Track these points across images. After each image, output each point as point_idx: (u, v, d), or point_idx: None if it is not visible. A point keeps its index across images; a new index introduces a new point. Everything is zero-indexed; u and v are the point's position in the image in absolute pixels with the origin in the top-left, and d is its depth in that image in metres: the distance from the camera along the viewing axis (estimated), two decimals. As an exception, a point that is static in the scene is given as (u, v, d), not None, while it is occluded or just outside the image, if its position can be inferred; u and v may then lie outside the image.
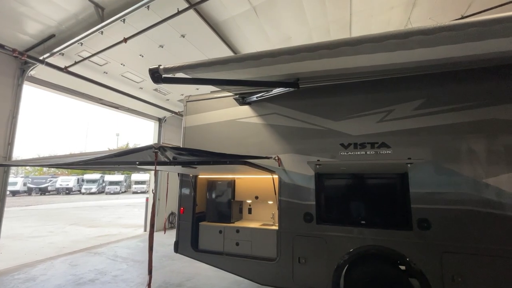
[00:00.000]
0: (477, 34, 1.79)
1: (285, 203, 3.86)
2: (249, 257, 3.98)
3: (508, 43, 2.14)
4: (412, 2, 6.31)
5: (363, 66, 2.66)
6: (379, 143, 3.49)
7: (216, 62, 2.41)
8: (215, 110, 4.59)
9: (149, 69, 2.64)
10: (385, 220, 3.48)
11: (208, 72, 2.70)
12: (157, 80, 2.63)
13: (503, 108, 3.07)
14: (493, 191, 3.00)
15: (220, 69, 2.53)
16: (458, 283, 2.95)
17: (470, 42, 1.94)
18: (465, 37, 1.82)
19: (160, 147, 2.38)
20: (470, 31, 1.70)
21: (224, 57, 2.32)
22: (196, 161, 3.02)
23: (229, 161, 2.85)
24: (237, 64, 2.37)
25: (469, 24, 1.65)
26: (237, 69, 2.57)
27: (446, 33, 1.70)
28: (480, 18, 1.64)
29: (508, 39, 2.02)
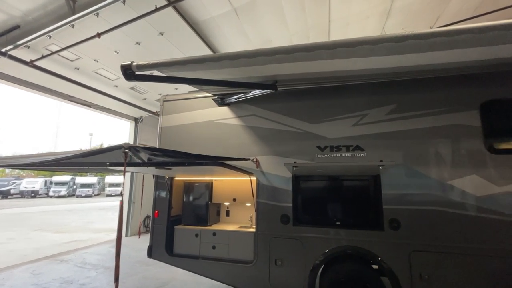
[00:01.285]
0: (441, 44, 1.90)
1: (263, 205, 3.85)
2: (226, 260, 3.92)
3: (471, 53, 2.30)
4: (386, 13, 6.63)
5: (339, 70, 2.73)
6: (354, 146, 3.60)
7: (192, 60, 2.35)
8: (193, 111, 4.50)
9: (121, 66, 2.51)
10: (359, 221, 3.59)
11: (184, 70, 2.63)
12: (129, 77, 2.52)
13: (465, 115, 3.29)
14: (457, 192, 3.20)
15: (196, 68, 2.48)
16: (425, 280, 3.10)
17: (435, 51, 2.05)
18: (430, 46, 1.92)
19: (130, 147, 2.26)
20: (435, 40, 1.80)
21: (200, 55, 2.27)
22: (171, 162, 2.92)
23: (205, 162, 2.78)
24: (214, 64, 2.33)
25: (435, 33, 1.74)
26: (214, 69, 2.53)
27: (412, 41, 1.79)
28: (445, 28, 1.74)
29: (471, 49, 2.16)
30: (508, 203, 3.03)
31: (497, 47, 2.10)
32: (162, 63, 2.45)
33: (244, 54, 2.20)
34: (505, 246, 2.96)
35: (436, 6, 6.60)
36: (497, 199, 3.06)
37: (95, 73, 6.87)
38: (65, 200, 29.51)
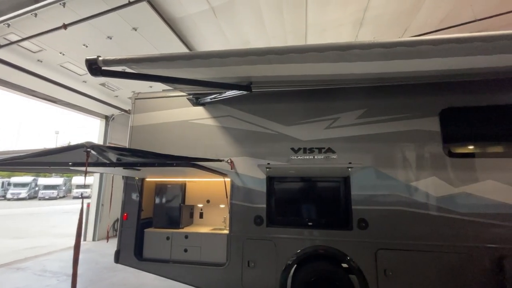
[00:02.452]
0: (403, 53, 2.02)
1: (237, 207, 3.82)
2: (198, 263, 3.83)
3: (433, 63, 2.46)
4: (360, 22, 6.94)
5: (311, 74, 2.79)
6: (326, 148, 3.70)
7: (163, 58, 2.27)
8: (166, 110, 4.37)
9: (86, 60, 2.36)
10: (330, 221, 3.69)
11: (155, 68, 2.54)
12: (95, 72, 2.38)
13: (426, 121, 3.53)
14: (419, 193, 3.41)
15: (167, 65, 2.40)
16: (390, 277, 3.26)
17: (399, 60, 2.18)
18: (395, 54, 2.03)
19: (94, 147, 2.13)
20: (398, 49, 1.91)
21: (171, 53, 2.20)
22: (139, 162, 2.80)
23: (176, 163, 2.70)
24: (186, 62, 2.28)
25: (397, 43, 1.85)
26: (186, 68, 2.47)
27: (378, 49, 1.88)
28: (406, 38, 1.85)
29: (429, 59, 2.32)
30: (463, 202, 3.28)
31: (452, 58, 2.28)
32: (131, 59, 2.35)
33: (217, 54, 2.17)
34: (461, 243, 3.20)
35: (404, 18, 7.03)
36: (454, 199, 3.31)
37: (61, 66, 6.42)
38: (25, 203, 27.18)
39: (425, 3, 6.46)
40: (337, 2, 5.98)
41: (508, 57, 2.25)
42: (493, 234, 3.16)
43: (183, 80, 2.84)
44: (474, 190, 3.29)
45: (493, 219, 3.19)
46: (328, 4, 5.99)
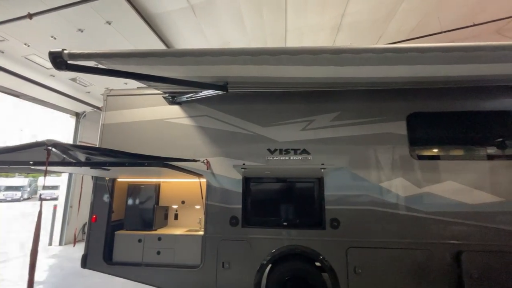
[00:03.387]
0: (372, 59, 2.12)
1: (212, 208, 3.79)
2: (171, 266, 3.74)
3: (400, 70, 2.61)
4: (337, 28, 7.18)
5: (286, 77, 2.84)
6: (301, 149, 3.78)
7: (135, 54, 2.20)
8: (141, 108, 4.23)
9: (49, 53, 2.23)
10: (304, 221, 3.76)
11: (127, 64, 2.45)
12: (59, 66, 2.24)
13: (395, 124, 3.72)
14: (387, 193, 3.58)
15: (139, 62, 2.33)
16: (359, 274, 3.39)
17: (368, 65, 2.28)
18: (363, 60, 2.13)
19: (56, 145, 2.01)
20: (366, 55, 2.00)
21: (143, 50, 2.14)
22: (108, 162, 2.68)
23: (147, 163, 2.62)
24: (158, 59, 2.22)
25: (365, 49, 1.94)
26: (160, 65, 2.41)
27: (348, 54, 1.96)
28: (374, 46, 1.94)
29: (398, 67, 2.46)
30: (427, 202, 3.50)
31: (417, 66, 2.43)
32: (100, 54, 2.25)
33: (191, 53, 2.14)
34: (424, 239, 3.40)
35: (379, 26, 7.37)
36: (418, 198, 3.52)
37: (26, 59, 5.99)
38: (-17, 206, 24.91)
39: (397, 14, 6.82)
40: (315, 7, 6.15)
41: (465, 67, 2.44)
42: (452, 231, 3.40)
43: (157, 78, 2.76)
44: (436, 190, 3.52)
45: (452, 217, 3.43)
46: (306, 9, 6.14)
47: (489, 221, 3.37)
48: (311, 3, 5.98)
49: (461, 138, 3.84)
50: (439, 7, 6.74)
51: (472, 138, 3.83)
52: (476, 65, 2.37)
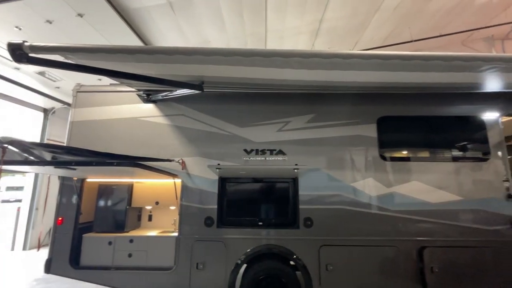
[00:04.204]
0: (340, 64, 2.21)
1: (187, 208, 3.74)
2: (143, 268, 3.64)
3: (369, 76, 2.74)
4: (316, 33, 7.38)
5: (262, 78, 2.88)
6: (277, 150, 3.84)
7: (102, 49, 2.13)
8: (113, 105, 4.08)
9: (8, 44, 2.09)
10: (279, 221, 3.82)
11: (96, 60, 2.36)
12: (19, 59, 2.11)
13: (366, 127, 3.89)
14: (358, 192, 3.73)
15: (108, 58, 2.25)
16: (330, 271, 3.50)
17: (337, 70, 2.37)
18: (332, 65, 2.21)
19: (12, 142, 1.89)
20: (334, 60, 2.08)
21: (112, 45, 2.07)
22: (74, 161, 2.56)
23: (116, 162, 2.53)
24: (128, 56, 2.16)
25: (332, 55, 2.02)
26: (130, 62, 2.34)
27: (316, 58, 2.03)
28: (340, 51, 2.03)
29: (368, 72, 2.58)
30: (394, 201, 3.69)
31: (385, 72, 2.56)
32: (65, 48, 2.14)
33: (162, 50, 2.11)
34: (391, 237, 3.58)
35: (355, 33, 7.67)
36: (387, 198, 3.70)
37: (-14, 49, 5.56)
38: None
39: (371, 23, 7.15)
40: (295, 10, 6.28)
41: (426, 74, 2.62)
42: (417, 228, 3.62)
43: (129, 75, 2.68)
44: (403, 190, 3.72)
45: (417, 215, 3.64)
46: (286, 12, 6.24)
47: (450, 218, 3.62)
48: (291, 6, 6.09)
49: (426, 141, 4.10)
50: (410, 18, 7.15)
51: (435, 141, 4.10)
52: (436, 73, 2.55)
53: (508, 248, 3.52)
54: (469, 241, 3.55)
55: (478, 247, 3.53)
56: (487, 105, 3.89)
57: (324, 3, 6.12)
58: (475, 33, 8.14)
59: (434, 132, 4.07)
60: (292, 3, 5.97)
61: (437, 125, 4.02)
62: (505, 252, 3.51)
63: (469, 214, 3.64)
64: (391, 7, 6.55)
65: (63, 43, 2.16)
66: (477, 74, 2.65)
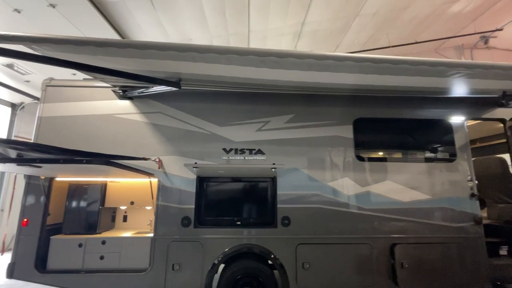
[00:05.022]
0: (315, 65, 2.25)
1: (164, 208, 3.65)
2: (116, 271, 3.50)
3: (344, 78, 2.81)
4: (298, 34, 7.49)
5: (240, 77, 2.87)
6: (256, 150, 3.84)
7: (70, 41, 2.03)
8: (87, 101, 3.90)
9: (-37, 31, 1.94)
10: (258, 220, 3.82)
11: (63, 52, 2.24)
12: (-24, 47, 1.97)
13: (343, 128, 4.00)
14: (335, 192, 3.81)
15: (77, 50, 2.15)
16: (307, 269, 3.55)
17: (314, 71, 2.42)
18: (307, 66, 2.25)
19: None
20: (309, 61, 2.12)
21: (79, 37, 1.98)
22: (39, 158, 2.41)
23: (86, 160, 2.42)
24: (98, 49, 2.07)
25: (307, 55, 2.05)
26: (101, 56, 2.25)
27: (291, 58, 2.06)
28: (315, 52, 2.07)
29: (341, 74, 2.65)
30: (367, 199, 3.81)
31: (356, 75, 2.65)
32: (29, 38, 2.02)
33: (135, 45, 2.05)
34: (365, 234, 3.70)
35: (336, 36, 7.87)
36: (361, 197, 3.81)
37: None
38: None
39: (352, 27, 7.37)
40: (277, 12, 6.34)
41: (397, 78, 2.73)
42: (389, 226, 3.76)
43: (101, 70, 2.58)
44: (377, 189, 3.85)
45: (389, 213, 3.79)
46: (269, 13, 6.29)
47: (420, 216, 3.80)
48: (274, 7, 6.15)
49: (398, 142, 4.28)
50: (387, 25, 7.45)
51: (407, 143, 4.29)
52: (406, 77, 2.67)
53: (471, 244, 3.75)
54: (437, 237, 3.74)
55: (444, 243, 3.73)
56: (454, 109, 4.13)
57: (306, 6, 6.23)
58: (447, 41, 8.64)
59: (406, 134, 4.26)
60: (274, 4, 6.03)
61: (409, 128, 4.21)
62: (469, 247, 3.74)
63: (437, 212, 3.83)
64: (370, 13, 6.79)
65: (27, 33, 2.03)
66: (443, 79, 2.80)
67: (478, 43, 8.74)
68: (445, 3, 6.76)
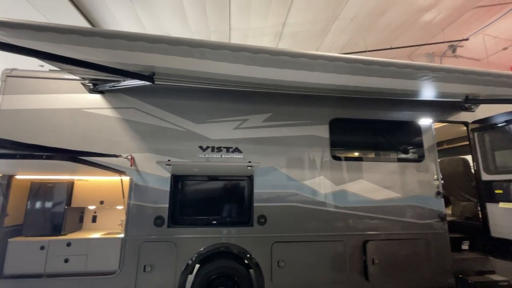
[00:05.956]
0: (289, 62, 2.26)
1: (136, 207, 3.50)
2: (82, 274, 3.31)
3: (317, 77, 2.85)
4: (279, 35, 7.55)
5: (216, 73, 2.83)
6: (233, 148, 3.81)
7: (30, 26, 1.87)
8: (52, 94, 3.66)
9: None
10: (234, 219, 3.78)
11: (21, 38, 2.07)
12: None
13: (320, 128, 4.07)
14: (310, 190, 3.87)
15: (35, 37, 1.99)
16: (282, 267, 3.57)
17: (287, 69, 2.43)
18: (281, 63, 2.26)
19: None
20: (282, 58, 2.12)
21: (38, 22, 1.84)
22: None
23: (46, 155, 2.25)
24: (59, 37, 1.93)
25: (280, 52, 2.05)
26: (64, 44, 2.10)
27: (265, 55, 2.05)
28: (288, 49, 2.08)
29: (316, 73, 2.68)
30: (341, 197, 3.90)
31: (330, 74, 2.70)
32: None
33: (101, 33, 1.93)
34: (339, 232, 3.78)
35: (316, 39, 8.02)
36: (335, 195, 3.90)
37: None
38: None
39: (331, 30, 7.54)
40: (258, 11, 6.34)
41: (369, 79, 2.82)
42: (361, 224, 3.88)
43: (66, 60, 2.41)
44: (350, 188, 3.96)
45: (362, 211, 3.91)
46: (250, 12, 6.28)
47: (390, 214, 3.96)
48: (255, 6, 6.15)
49: (371, 142, 4.44)
50: (365, 30, 7.72)
51: (380, 143, 4.46)
52: (377, 79, 2.76)
53: (436, 239, 3.97)
54: (406, 234, 3.92)
55: (413, 239, 3.91)
56: (423, 112, 4.35)
57: (287, 7, 6.29)
58: (419, 49, 9.10)
59: (379, 134, 4.42)
60: (255, 3, 6.03)
61: (382, 129, 4.37)
62: (434, 242, 3.95)
63: (406, 210, 4.01)
64: (348, 17, 6.99)
65: (-22, 15, 1.86)
66: (412, 81, 2.94)
67: (447, 52, 9.31)
68: (418, 11, 7.12)
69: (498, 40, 8.58)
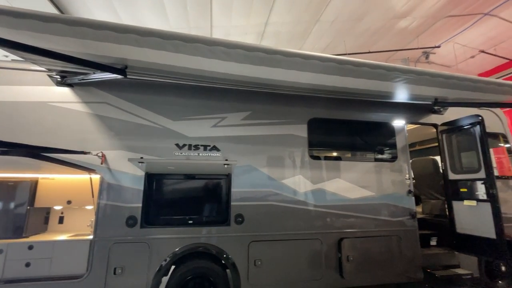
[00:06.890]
0: (266, 59, 2.24)
1: (106, 207, 3.33)
2: (45, 279, 3.09)
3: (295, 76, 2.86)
4: (261, 34, 7.55)
5: (191, 68, 2.75)
6: (211, 146, 3.73)
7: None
8: (15, 85, 3.40)
9: None
10: (210, 218, 3.71)
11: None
12: None
13: (298, 127, 4.10)
14: (287, 189, 3.88)
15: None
16: (258, 266, 3.55)
17: (264, 66, 2.41)
18: (258, 59, 2.24)
19: None
20: (258, 54, 2.10)
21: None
22: None
23: (2, 151, 2.07)
24: (16, 22, 1.77)
25: (256, 48, 2.03)
26: (23, 30, 1.94)
27: (241, 50, 2.02)
28: (263, 46, 2.06)
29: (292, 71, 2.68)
30: (318, 196, 3.95)
31: (305, 73, 2.72)
32: None
33: (64, 20, 1.80)
34: (316, 230, 3.83)
35: (298, 40, 8.11)
36: (312, 193, 3.94)
37: None
38: None
39: (312, 32, 7.66)
40: (240, 9, 6.30)
41: (345, 79, 2.87)
42: (337, 222, 3.95)
43: (26, 48, 2.23)
44: (327, 186, 4.02)
45: (337, 209, 3.98)
46: (232, 9, 6.23)
47: (365, 212, 4.06)
48: (237, 4, 6.10)
49: (348, 142, 4.55)
50: (344, 33, 7.92)
51: (356, 143, 4.58)
52: (352, 79, 2.81)
53: (407, 236, 4.13)
54: (379, 231, 4.04)
55: (385, 236, 4.04)
56: (396, 114, 4.52)
57: (269, 7, 6.31)
58: (395, 54, 9.47)
59: (355, 135, 4.54)
60: (238, 1, 5.98)
61: (358, 129, 4.49)
62: (406, 239, 4.11)
63: (380, 208, 4.14)
64: (329, 20, 7.13)
65: None
66: (386, 83, 3.03)
67: (420, 58, 9.78)
68: (394, 18, 7.41)
69: (467, 49, 9.15)
